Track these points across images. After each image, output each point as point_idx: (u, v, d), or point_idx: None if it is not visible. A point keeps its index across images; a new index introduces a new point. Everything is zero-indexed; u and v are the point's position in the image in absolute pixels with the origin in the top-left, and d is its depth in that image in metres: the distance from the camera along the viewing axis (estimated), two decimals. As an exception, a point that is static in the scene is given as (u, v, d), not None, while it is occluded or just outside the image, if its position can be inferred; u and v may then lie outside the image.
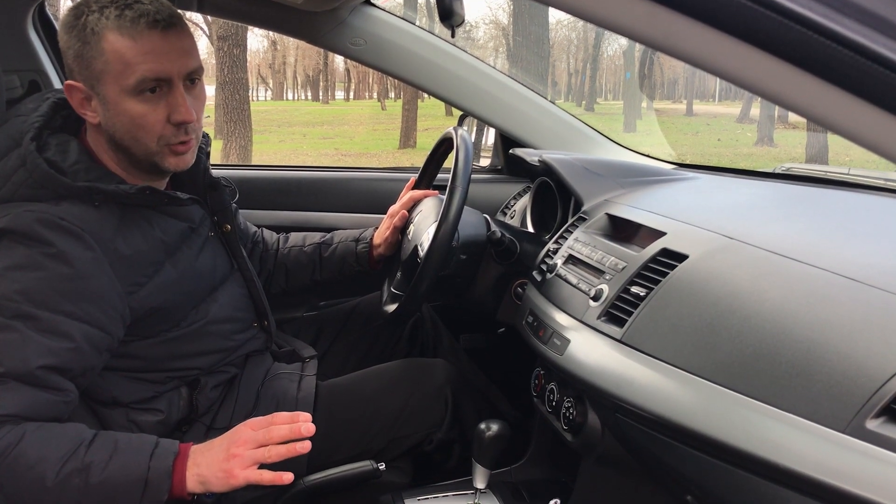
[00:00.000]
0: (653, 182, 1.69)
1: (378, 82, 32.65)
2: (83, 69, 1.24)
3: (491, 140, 2.43)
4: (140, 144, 1.27)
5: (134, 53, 1.21)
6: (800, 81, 0.62)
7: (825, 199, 1.50)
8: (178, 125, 1.27)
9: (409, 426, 1.54)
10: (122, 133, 1.26)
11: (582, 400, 1.31)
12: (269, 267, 1.81)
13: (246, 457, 1.17)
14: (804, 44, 0.60)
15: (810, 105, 0.63)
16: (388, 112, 23.55)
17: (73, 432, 1.15)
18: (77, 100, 1.27)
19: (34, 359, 1.13)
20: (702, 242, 1.20)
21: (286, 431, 1.20)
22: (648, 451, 1.13)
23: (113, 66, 1.21)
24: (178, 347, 1.39)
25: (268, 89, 38.71)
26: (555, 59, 27.72)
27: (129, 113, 1.24)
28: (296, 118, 22.88)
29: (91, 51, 1.21)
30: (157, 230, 1.33)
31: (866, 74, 0.60)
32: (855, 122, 0.63)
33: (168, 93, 1.25)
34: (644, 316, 1.16)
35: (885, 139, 0.63)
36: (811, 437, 0.84)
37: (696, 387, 1.00)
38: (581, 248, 1.46)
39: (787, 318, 0.96)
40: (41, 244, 1.18)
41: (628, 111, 19.95)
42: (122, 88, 1.22)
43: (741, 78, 0.64)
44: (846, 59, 0.59)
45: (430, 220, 1.62)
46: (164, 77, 1.24)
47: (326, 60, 32.17)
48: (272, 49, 34.64)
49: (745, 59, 0.62)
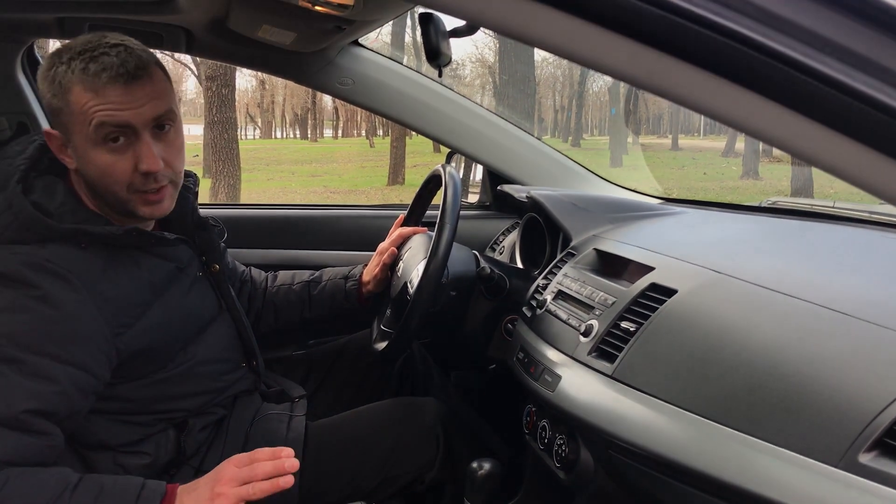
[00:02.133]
0: (640, 217, 1.70)
1: (366, 120, 32.90)
2: (55, 118, 1.25)
3: (479, 176, 2.44)
4: (111, 193, 1.27)
5: (93, 105, 1.20)
6: (783, 119, 0.62)
7: (811, 232, 1.51)
8: (145, 174, 1.25)
9: (400, 466, 1.52)
10: (94, 180, 1.26)
11: (574, 437, 1.30)
12: (257, 305, 1.80)
13: (231, 495, 1.15)
14: (788, 82, 0.60)
15: (792, 140, 0.64)
16: (377, 149, 23.68)
17: (58, 476, 1.13)
18: (56, 145, 1.27)
19: (19, 403, 1.11)
20: (690, 277, 1.21)
21: (270, 468, 1.18)
22: (642, 488, 1.12)
23: (76, 118, 1.21)
24: (166, 389, 1.37)
25: (256, 128, 38.89)
26: (541, 97, 28.02)
27: (96, 162, 1.24)
28: (284, 156, 22.96)
29: (59, 102, 1.22)
30: (144, 271, 1.32)
31: (848, 111, 0.61)
32: (838, 158, 0.64)
33: (135, 142, 1.24)
34: (634, 351, 1.16)
35: (868, 175, 0.64)
36: (805, 471, 0.84)
37: (688, 422, 1.00)
38: (570, 284, 1.46)
39: (777, 353, 0.96)
40: (27, 287, 1.17)
41: (614, 146, 20.13)
42: (86, 138, 1.22)
43: (725, 115, 0.64)
44: (828, 97, 0.60)
45: (419, 256, 1.62)
46: (125, 125, 1.22)
47: (315, 99, 32.41)
48: (261, 88, 34.89)
49: (729, 97, 0.63)
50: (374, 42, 2.39)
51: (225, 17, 1.68)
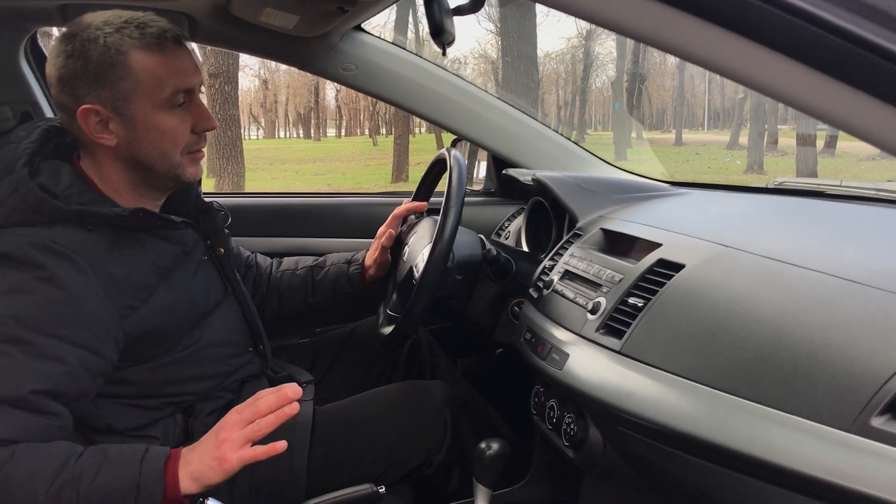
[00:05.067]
0: (646, 198, 1.69)
1: (369, 119, 32.86)
2: (103, 90, 1.24)
3: (482, 173, 2.43)
4: (166, 159, 1.31)
5: (165, 69, 1.26)
6: (792, 72, 0.62)
7: (819, 208, 1.50)
8: (200, 133, 1.33)
9: (408, 449, 1.51)
10: (147, 150, 1.29)
11: (583, 415, 1.29)
12: (262, 291, 1.80)
13: (236, 437, 1.14)
14: (794, 32, 0.60)
15: (799, 94, 0.64)
16: (380, 147, 23.66)
17: (64, 447, 1.13)
18: (92, 124, 1.26)
19: (27, 383, 1.11)
20: (698, 251, 1.20)
21: (273, 400, 1.17)
22: (651, 463, 1.12)
23: (145, 84, 1.25)
24: (173, 372, 1.37)
25: (259, 128, 38.90)
26: (544, 92, 27.93)
27: (161, 127, 1.28)
28: (288, 155, 22.97)
29: (117, 71, 1.23)
30: (150, 253, 1.33)
31: (857, 63, 0.60)
32: (848, 111, 0.63)
33: (189, 104, 1.31)
34: (643, 326, 1.15)
35: (879, 129, 0.63)
36: (816, 437, 0.84)
37: (698, 394, 0.99)
38: (577, 264, 1.46)
39: (786, 321, 0.96)
40: (34, 268, 1.17)
41: (618, 141, 20.09)
42: (154, 104, 1.26)
43: (734, 70, 0.64)
44: (836, 47, 0.60)
45: (424, 240, 1.62)
46: (191, 88, 1.30)
47: (317, 98, 32.41)
48: (263, 88, 34.89)
49: (738, 51, 0.62)
50: (377, 27, 2.39)
51: (227, 1, 1.67)
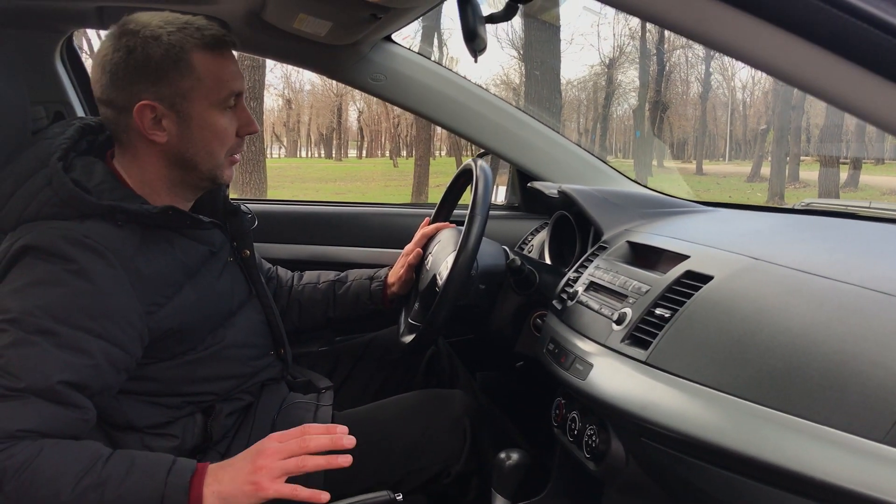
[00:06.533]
0: (673, 213, 1.68)
1: (391, 140, 33.03)
2: (164, 87, 1.27)
3: (501, 197, 2.44)
4: (212, 157, 1.34)
5: (223, 71, 1.31)
6: (833, 66, 0.62)
7: (849, 227, 1.49)
8: (244, 137, 1.38)
9: (426, 457, 1.50)
10: (196, 147, 1.32)
11: (605, 426, 1.28)
12: (282, 303, 1.80)
13: (276, 467, 1.12)
14: (837, 26, 0.60)
15: (848, 94, 0.63)
16: (400, 169, 23.76)
17: (91, 448, 1.13)
18: (147, 120, 1.28)
19: (54, 374, 1.11)
20: (727, 263, 1.19)
21: (326, 441, 1.14)
22: (675, 475, 1.10)
23: (205, 83, 1.29)
24: (195, 371, 1.37)
25: (282, 147, 39.19)
26: (565, 119, 27.94)
27: (214, 126, 1.32)
28: (309, 174, 23.12)
29: (180, 69, 1.27)
30: (178, 252, 1.34)
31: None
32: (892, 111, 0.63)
33: (237, 107, 1.36)
34: (669, 337, 1.14)
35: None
36: (847, 448, 0.82)
37: (725, 404, 0.98)
38: (602, 275, 1.45)
39: (817, 332, 0.94)
40: (63, 260, 1.18)
41: (639, 169, 20.03)
42: (211, 103, 1.30)
43: (772, 64, 0.64)
44: (882, 42, 0.59)
45: (448, 249, 1.62)
46: (240, 91, 1.35)
47: (340, 119, 32.60)
48: (287, 108, 35.18)
49: (779, 44, 0.62)
50: (406, 38, 2.41)
51: (261, 7, 1.70)
